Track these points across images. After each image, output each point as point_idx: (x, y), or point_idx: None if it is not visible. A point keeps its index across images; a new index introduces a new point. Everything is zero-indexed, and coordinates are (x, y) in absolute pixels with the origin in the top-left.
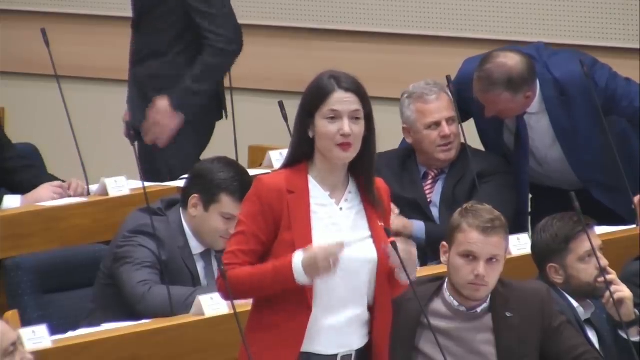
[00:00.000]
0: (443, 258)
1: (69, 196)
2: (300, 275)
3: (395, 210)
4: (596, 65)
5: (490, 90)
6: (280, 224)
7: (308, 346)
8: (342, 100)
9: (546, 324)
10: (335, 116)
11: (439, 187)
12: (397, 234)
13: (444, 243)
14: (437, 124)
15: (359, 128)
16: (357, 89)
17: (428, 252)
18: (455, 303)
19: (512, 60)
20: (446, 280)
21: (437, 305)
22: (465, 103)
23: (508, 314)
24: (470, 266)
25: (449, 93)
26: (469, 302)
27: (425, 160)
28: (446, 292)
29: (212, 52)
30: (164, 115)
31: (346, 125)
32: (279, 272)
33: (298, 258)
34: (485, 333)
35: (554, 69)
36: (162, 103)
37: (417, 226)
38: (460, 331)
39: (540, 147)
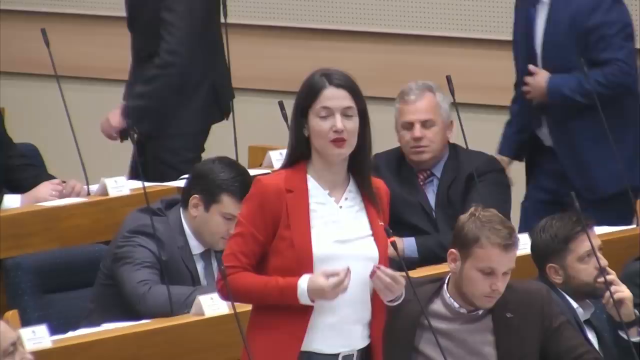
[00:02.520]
0: (452, 265)
1: (67, 195)
2: (304, 299)
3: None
4: (621, 5)
5: None
6: (279, 223)
7: (309, 345)
8: (333, 97)
9: (546, 324)
10: (327, 113)
11: (432, 191)
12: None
13: (453, 250)
14: (411, 125)
15: (353, 124)
16: (349, 85)
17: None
18: (456, 305)
19: None
20: (446, 281)
21: (437, 306)
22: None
23: (508, 315)
24: (488, 280)
25: (436, 95)
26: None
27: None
28: (446, 294)
29: (157, 58)
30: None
31: (339, 122)
32: (283, 292)
33: (304, 283)
34: (485, 334)
35: None
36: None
37: (408, 243)
38: (461, 332)
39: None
